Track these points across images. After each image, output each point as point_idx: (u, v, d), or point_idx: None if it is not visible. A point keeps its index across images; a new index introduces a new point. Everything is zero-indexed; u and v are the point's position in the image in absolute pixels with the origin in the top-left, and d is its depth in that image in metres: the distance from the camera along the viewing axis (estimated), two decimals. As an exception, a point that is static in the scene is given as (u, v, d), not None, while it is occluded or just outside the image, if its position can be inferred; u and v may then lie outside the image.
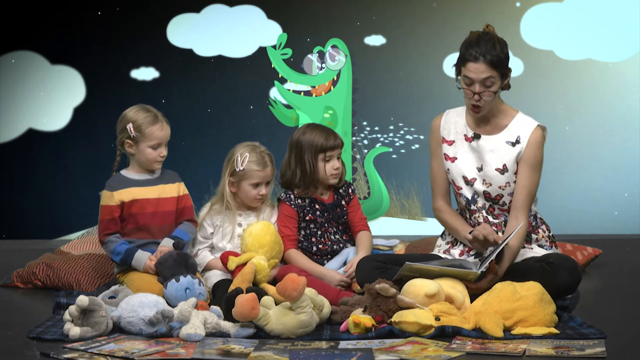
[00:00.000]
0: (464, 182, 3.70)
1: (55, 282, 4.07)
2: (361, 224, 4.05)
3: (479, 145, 3.68)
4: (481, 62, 3.55)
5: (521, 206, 3.62)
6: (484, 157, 3.67)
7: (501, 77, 3.57)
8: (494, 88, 3.56)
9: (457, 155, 3.71)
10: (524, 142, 3.63)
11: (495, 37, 3.60)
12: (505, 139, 3.65)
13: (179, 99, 6.25)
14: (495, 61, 3.54)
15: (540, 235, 3.69)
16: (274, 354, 2.92)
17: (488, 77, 3.55)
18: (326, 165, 3.94)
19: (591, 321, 3.26)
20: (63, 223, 6.24)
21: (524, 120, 3.67)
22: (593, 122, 6.13)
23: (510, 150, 3.64)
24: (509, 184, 3.64)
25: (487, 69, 3.55)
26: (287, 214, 3.97)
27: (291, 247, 3.93)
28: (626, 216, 6.07)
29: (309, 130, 3.98)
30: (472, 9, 6.12)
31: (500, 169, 3.64)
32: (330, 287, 3.69)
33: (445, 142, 3.75)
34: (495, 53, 3.55)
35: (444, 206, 3.77)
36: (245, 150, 3.93)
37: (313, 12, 6.26)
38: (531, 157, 3.63)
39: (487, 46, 3.55)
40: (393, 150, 6.22)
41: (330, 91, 6.21)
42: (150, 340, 3.11)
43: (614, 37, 6.10)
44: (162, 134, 3.84)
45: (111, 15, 6.28)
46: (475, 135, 3.69)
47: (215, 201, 4.00)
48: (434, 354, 2.91)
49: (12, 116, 6.33)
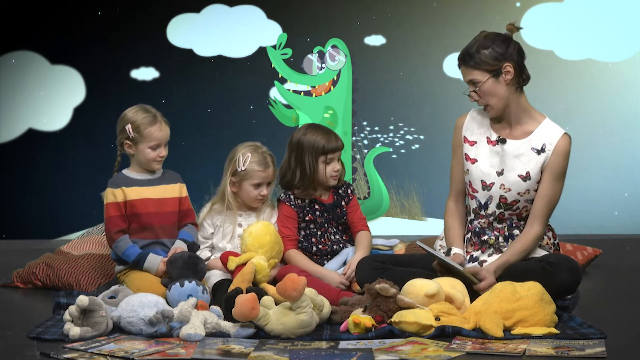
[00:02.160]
0: (481, 186, 3.65)
1: (55, 282, 4.06)
2: (360, 223, 4.04)
3: (503, 150, 3.62)
4: (461, 65, 3.58)
5: (539, 215, 3.58)
6: (507, 162, 3.62)
7: (491, 75, 3.54)
8: (485, 87, 3.54)
9: (478, 157, 3.66)
10: (549, 150, 3.57)
11: (482, 36, 3.57)
12: (530, 145, 3.60)
13: (179, 99, 6.26)
14: (470, 61, 3.54)
15: (544, 242, 3.67)
16: (274, 354, 2.92)
17: (470, 79, 3.56)
18: (327, 168, 3.94)
19: (591, 321, 3.26)
20: (63, 223, 6.24)
21: (551, 127, 3.61)
22: (593, 122, 6.14)
23: (535, 158, 3.59)
24: (529, 192, 3.60)
25: (466, 71, 3.56)
26: (287, 215, 3.97)
27: (291, 247, 3.93)
28: (626, 216, 6.07)
29: (310, 131, 3.96)
30: (472, 9, 6.13)
31: (523, 176, 3.59)
32: (330, 287, 3.69)
33: (467, 142, 3.70)
34: (471, 52, 3.54)
35: (452, 208, 3.75)
36: (247, 150, 3.93)
37: (313, 12, 6.26)
38: (556, 167, 3.57)
39: (466, 49, 3.56)
40: (393, 150, 6.23)
41: (330, 91, 6.21)
42: (150, 340, 3.11)
43: (614, 37, 6.11)
44: (161, 134, 3.84)
45: (111, 15, 6.28)
46: (500, 140, 3.64)
47: (215, 201, 4.00)
48: (434, 354, 2.91)
49: (12, 116, 6.33)
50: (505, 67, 3.55)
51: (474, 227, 3.69)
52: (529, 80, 3.62)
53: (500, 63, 3.54)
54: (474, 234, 3.69)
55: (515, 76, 3.56)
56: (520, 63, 3.57)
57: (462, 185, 3.73)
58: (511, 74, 3.55)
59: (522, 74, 3.58)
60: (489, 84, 3.55)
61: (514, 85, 3.57)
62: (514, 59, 3.55)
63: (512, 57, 3.55)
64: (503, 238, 3.65)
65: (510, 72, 3.55)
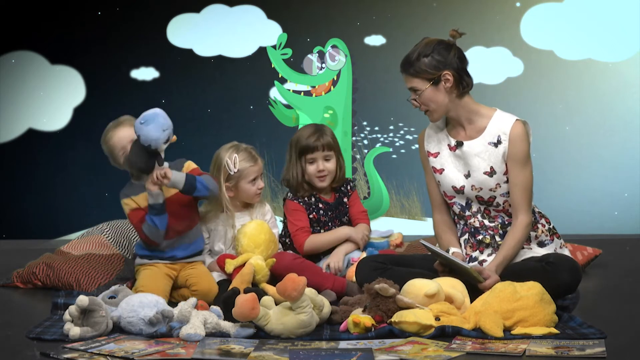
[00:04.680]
0: (454, 191, 3.69)
1: (55, 282, 4.06)
2: (359, 216, 4.09)
3: (463, 152, 3.65)
4: (402, 73, 3.60)
5: (519, 204, 3.60)
6: (470, 162, 3.64)
7: (430, 82, 3.55)
8: (425, 95, 3.56)
9: (444, 167, 3.70)
10: (505, 140, 3.59)
11: (424, 43, 3.58)
12: (486, 140, 3.62)
13: (179, 99, 6.26)
14: (410, 69, 3.56)
15: (539, 231, 3.67)
16: (274, 354, 2.92)
17: (411, 86, 3.59)
18: (309, 167, 3.98)
19: (591, 321, 3.26)
20: (63, 223, 6.24)
21: (502, 118, 3.62)
22: (593, 122, 6.14)
23: (494, 152, 3.61)
24: (500, 185, 3.62)
25: (407, 78, 3.59)
26: (294, 209, 4.00)
27: (308, 236, 3.97)
28: (626, 216, 6.07)
29: (302, 129, 4.06)
30: (472, 9, 6.13)
31: (489, 172, 3.62)
32: (326, 275, 3.74)
33: (431, 155, 3.74)
34: (411, 60, 3.56)
35: (438, 219, 3.78)
36: (231, 152, 3.94)
37: (313, 12, 6.27)
38: (517, 153, 3.59)
39: (406, 58, 3.58)
40: (393, 150, 6.23)
41: (330, 91, 6.21)
42: (150, 340, 3.11)
43: (614, 37, 6.11)
44: (115, 140, 3.80)
45: (111, 15, 6.29)
46: (457, 143, 3.66)
47: (209, 209, 3.98)
48: (434, 354, 2.91)
49: (12, 116, 6.33)
50: (445, 75, 3.55)
51: (469, 227, 3.70)
52: (471, 87, 3.62)
53: (439, 72, 3.55)
54: (470, 234, 3.70)
55: (455, 83, 3.56)
56: (460, 70, 3.57)
57: (439, 197, 3.77)
58: (450, 82, 3.56)
59: (462, 80, 3.58)
60: (429, 92, 3.57)
61: (453, 92, 3.58)
62: (453, 67, 3.55)
63: (452, 65, 3.55)
64: (499, 236, 3.66)
65: (450, 80, 3.55)
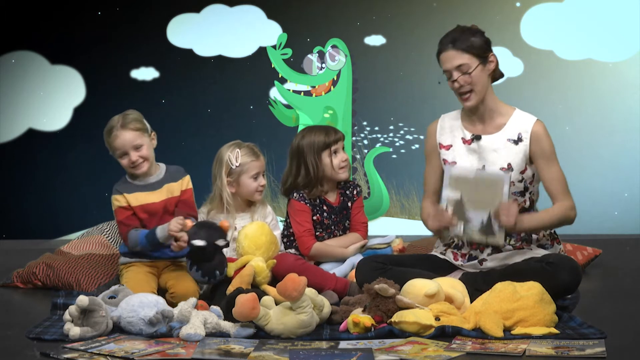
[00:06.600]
0: None
1: (55, 282, 4.06)
2: (359, 227, 4.09)
3: (479, 146, 3.65)
4: (450, 49, 3.55)
5: (559, 192, 3.59)
6: (487, 157, 3.63)
7: (480, 61, 3.55)
8: (475, 73, 3.55)
9: (456, 159, 3.68)
10: (526, 138, 3.59)
11: (467, 27, 3.60)
12: (506, 137, 3.62)
13: (179, 99, 6.26)
14: (463, 46, 3.54)
15: (540, 235, 3.67)
16: (274, 354, 2.92)
17: (461, 64, 3.55)
18: (334, 160, 3.98)
19: (591, 321, 3.26)
20: (63, 223, 6.24)
21: (523, 117, 3.64)
22: (593, 122, 6.14)
23: (514, 149, 3.61)
24: (514, 183, 3.61)
25: (457, 54, 3.55)
26: (299, 209, 3.99)
27: (313, 241, 3.97)
28: (626, 216, 6.07)
29: (308, 134, 4.03)
30: (472, 9, 6.13)
31: (505, 168, 3.60)
32: (327, 277, 3.73)
33: (443, 147, 3.72)
34: (464, 37, 3.54)
35: (427, 206, 3.77)
36: (232, 148, 3.96)
37: (313, 12, 6.27)
38: (545, 149, 3.60)
39: (454, 34, 3.57)
40: (393, 150, 6.23)
41: (330, 91, 6.21)
42: (150, 340, 3.11)
43: (614, 37, 6.11)
44: (118, 142, 3.77)
45: (111, 15, 6.29)
46: (475, 137, 3.66)
47: (212, 207, 3.99)
48: (434, 354, 2.91)
49: (12, 116, 6.33)
50: (491, 56, 3.59)
51: None
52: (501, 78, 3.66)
53: (487, 52, 3.58)
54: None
55: (495, 68, 3.61)
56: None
57: (436, 186, 3.75)
58: (494, 65, 3.59)
59: (498, 68, 3.63)
60: (478, 70, 3.57)
61: (491, 77, 3.62)
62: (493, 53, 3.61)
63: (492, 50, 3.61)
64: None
65: (494, 62, 3.59)
